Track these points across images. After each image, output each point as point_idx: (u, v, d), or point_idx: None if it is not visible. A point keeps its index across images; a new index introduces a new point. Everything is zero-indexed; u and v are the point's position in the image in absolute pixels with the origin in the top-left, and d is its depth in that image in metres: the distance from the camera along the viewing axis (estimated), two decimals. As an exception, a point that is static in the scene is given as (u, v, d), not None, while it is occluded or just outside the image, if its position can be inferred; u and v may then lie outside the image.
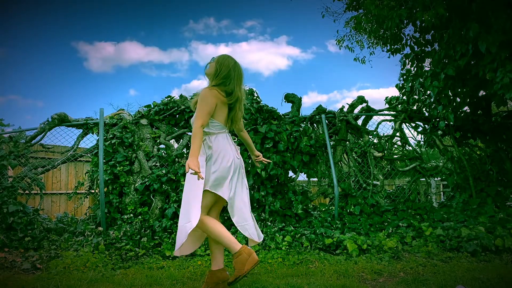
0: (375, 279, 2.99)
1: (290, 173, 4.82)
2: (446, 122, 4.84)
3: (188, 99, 4.79)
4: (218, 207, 2.72)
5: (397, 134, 5.17)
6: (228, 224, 4.30)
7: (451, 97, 4.80)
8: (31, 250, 3.82)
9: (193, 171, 2.26)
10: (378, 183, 4.96)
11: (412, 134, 5.27)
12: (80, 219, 4.51)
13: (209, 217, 2.56)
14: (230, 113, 2.61)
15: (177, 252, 2.61)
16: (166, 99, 4.87)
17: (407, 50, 5.05)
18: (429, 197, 5.22)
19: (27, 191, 4.51)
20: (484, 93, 4.96)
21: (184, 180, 3.87)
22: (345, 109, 5.18)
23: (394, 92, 12.95)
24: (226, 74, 2.58)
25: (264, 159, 3.07)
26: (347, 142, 5.08)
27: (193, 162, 2.32)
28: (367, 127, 5.27)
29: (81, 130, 4.73)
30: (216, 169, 2.51)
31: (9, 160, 4.47)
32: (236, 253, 2.42)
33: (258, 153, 3.08)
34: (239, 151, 2.74)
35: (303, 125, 4.95)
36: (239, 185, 2.64)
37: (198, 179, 2.32)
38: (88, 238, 3.90)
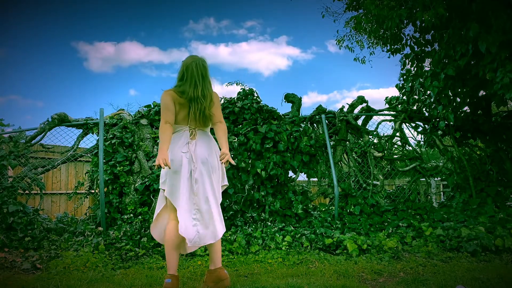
0: (375, 279, 2.99)
1: (290, 173, 4.82)
2: (446, 122, 4.84)
3: None
4: None
5: (397, 134, 5.17)
6: (228, 224, 4.31)
7: (451, 97, 4.80)
8: (31, 250, 3.82)
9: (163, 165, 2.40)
10: (378, 183, 4.96)
11: (412, 134, 5.28)
12: (80, 219, 4.51)
13: (171, 228, 2.56)
14: (189, 111, 2.65)
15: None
16: (166, 99, 4.86)
17: (407, 50, 5.05)
18: (429, 197, 5.22)
19: (27, 191, 4.51)
20: (484, 93, 4.96)
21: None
22: (345, 109, 5.18)
23: (394, 92, 12.95)
24: (181, 75, 2.67)
25: (230, 159, 2.63)
26: (347, 142, 5.08)
27: (158, 156, 2.46)
28: (367, 127, 5.27)
29: (81, 130, 4.73)
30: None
31: (9, 160, 4.47)
32: (166, 275, 2.57)
33: (224, 150, 2.64)
34: (199, 146, 2.65)
35: (303, 125, 4.95)
36: (184, 180, 2.56)
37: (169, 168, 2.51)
38: (88, 238, 3.90)
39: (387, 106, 5.35)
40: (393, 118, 5.22)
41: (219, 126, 2.73)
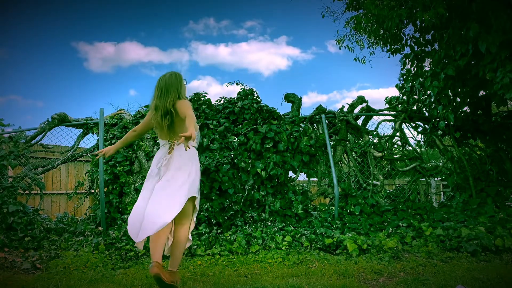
0: (375, 279, 2.99)
1: (290, 173, 4.82)
2: (446, 122, 4.84)
3: (188, 98, 4.81)
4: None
5: (397, 134, 5.17)
6: (228, 224, 4.31)
7: (451, 97, 4.79)
8: (31, 250, 3.82)
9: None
10: (378, 183, 4.96)
11: (412, 134, 5.28)
12: (80, 219, 4.51)
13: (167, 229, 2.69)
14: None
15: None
16: (166, 99, 4.86)
17: (407, 50, 5.05)
18: (429, 197, 5.22)
19: (27, 191, 4.51)
20: (484, 93, 4.96)
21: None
22: (345, 109, 5.18)
23: (394, 92, 12.93)
24: None
25: (187, 143, 2.42)
26: (347, 142, 5.08)
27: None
28: (367, 127, 5.27)
29: (81, 130, 4.74)
30: None
31: (9, 160, 4.47)
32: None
33: (186, 131, 2.55)
34: (168, 157, 2.77)
35: (303, 125, 4.95)
36: (149, 186, 2.74)
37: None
38: (88, 238, 3.90)
39: (387, 106, 5.35)
40: (393, 118, 5.21)
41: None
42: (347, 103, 5.26)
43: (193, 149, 2.84)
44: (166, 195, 2.63)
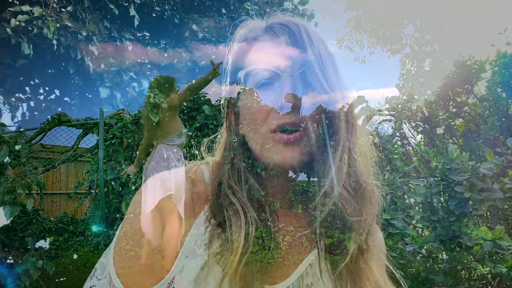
0: (375, 279, 2.99)
1: (290, 173, 4.81)
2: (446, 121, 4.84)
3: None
4: None
5: (397, 134, 5.17)
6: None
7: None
8: (31, 250, 3.82)
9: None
10: (377, 183, 4.96)
11: (412, 134, 5.28)
12: (80, 219, 4.51)
13: None
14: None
15: None
16: (166, 99, 4.87)
17: (407, 50, 5.06)
18: (429, 197, 5.22)
19: (27, 191, 4.50)
20: (484, 93, 4.97)
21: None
22: (345, 109, 5.17)
23: (394, 92, 12.94)
24: None
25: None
26: (347, 142, 5.08)
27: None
28: (367, 127, 5.27)
29: (81, 130, 4.74)
30: None
31: (9, 160, 4.47)
32: None
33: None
34: (149, 159, 2.88)
35: (302, 125, 4.95)
36: None
37: None
38: (88, 238, 3.90)
39: (387, 106, 5.35)
40: (393, 118, 5.22)
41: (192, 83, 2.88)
42: (347, 103, 5.25)
43: (171, 148, 2.90)
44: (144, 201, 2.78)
